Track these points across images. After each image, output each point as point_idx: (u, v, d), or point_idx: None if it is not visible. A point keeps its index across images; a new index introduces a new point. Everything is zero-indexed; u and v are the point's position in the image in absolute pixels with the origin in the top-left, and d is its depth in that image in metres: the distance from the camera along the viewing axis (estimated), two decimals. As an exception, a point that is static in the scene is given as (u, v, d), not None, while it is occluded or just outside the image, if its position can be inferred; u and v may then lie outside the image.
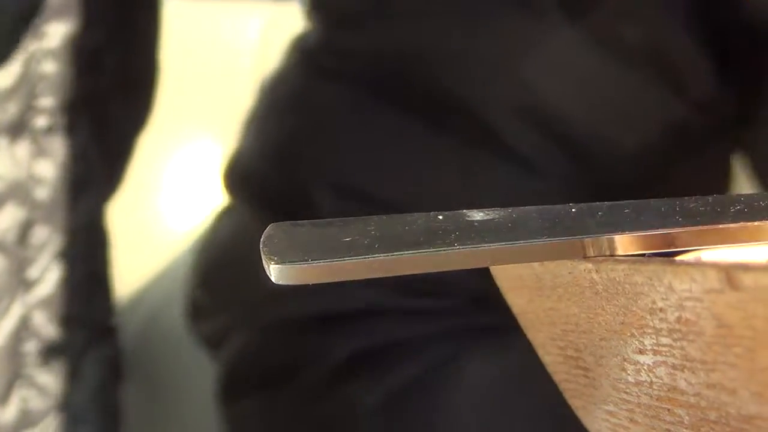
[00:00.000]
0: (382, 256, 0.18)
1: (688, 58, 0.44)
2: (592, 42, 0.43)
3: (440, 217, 0.19)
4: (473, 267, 0.19)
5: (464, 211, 0.19)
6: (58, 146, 0.45)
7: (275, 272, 0.18)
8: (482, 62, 0.44)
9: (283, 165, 0.47)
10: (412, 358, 0.44)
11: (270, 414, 0.47)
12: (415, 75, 0.44)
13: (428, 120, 0.44)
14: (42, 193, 0.45)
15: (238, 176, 0.49)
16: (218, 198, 0.70)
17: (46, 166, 0.45)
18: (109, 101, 0.48)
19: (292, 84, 0.48)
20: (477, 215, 0.19)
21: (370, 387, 0.44)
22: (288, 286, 0.19)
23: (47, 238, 0.45)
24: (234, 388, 0.48)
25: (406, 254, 0.18)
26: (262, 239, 0.19)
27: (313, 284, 0.18)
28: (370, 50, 0.45)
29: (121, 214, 0.52)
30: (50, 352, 0.46)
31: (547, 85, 0.44)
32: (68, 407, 0.46)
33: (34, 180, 0.45)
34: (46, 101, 0.45)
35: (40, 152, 0.45)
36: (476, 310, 0.44)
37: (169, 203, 0.71)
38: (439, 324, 0.45)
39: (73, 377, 0.47)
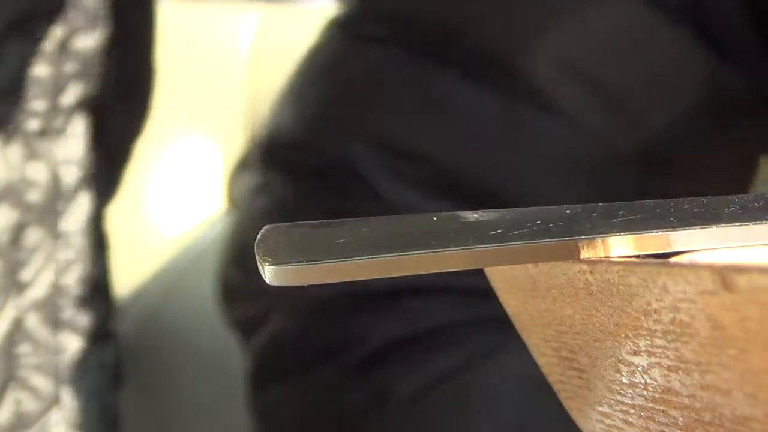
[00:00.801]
0: (376, 257, 0.18)
1: (731, 21, 0.44)
2: None
3: (435, 219, 0.19)
4: (468, 268, 0.19)
5: (459, 212, 0.19)
6: (51, 150, 0.45)
7: (270, 273, 0.18)
8: (524, 18, 0.44)
9: (325, 132, 0.47)
10: (450, 347, 0.44)
11: (301, 400, 0.46)
12: (455, 32, 0.44)
13: (469, 76, 0.44)
14: (34, 196, 0.45)
15: (275, 149, 0.48)
16: (214, 198, 0.70)
17: (39, 169, 0.45)
18: (104, 105, 0.48)
19: (329, 54, 0.48)
20: (472, 216, 0.19)
21: (402, 377, 0.44)
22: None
23: (40, 241, 0.45)
24: (267, 374, 0.48)
25: (401, 255, 0.18)
26: (256, 240, 0.19)
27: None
28: (408, 12, 0.45)
29: (117, 215, 0.52)
30: (44, 355, 0.46)
31: (589, 42, 0.44)
32: (64, 411, 0.46)
33: (26, 183, 0.45)
34: (39, 104, 0.44)
35: (32, 155, 0.45)
36: None
37: (164, 203, 0.71)
38: (481, 309, 0.44)
39: (68, 381, 0.47)
